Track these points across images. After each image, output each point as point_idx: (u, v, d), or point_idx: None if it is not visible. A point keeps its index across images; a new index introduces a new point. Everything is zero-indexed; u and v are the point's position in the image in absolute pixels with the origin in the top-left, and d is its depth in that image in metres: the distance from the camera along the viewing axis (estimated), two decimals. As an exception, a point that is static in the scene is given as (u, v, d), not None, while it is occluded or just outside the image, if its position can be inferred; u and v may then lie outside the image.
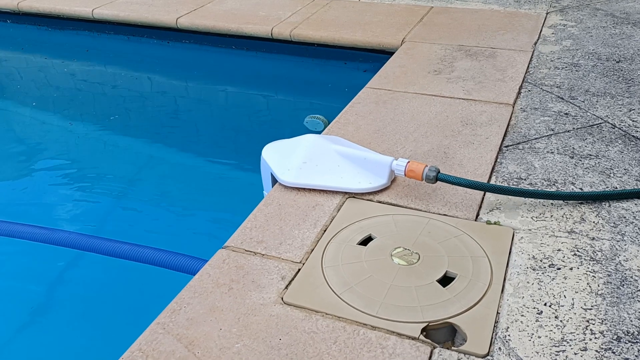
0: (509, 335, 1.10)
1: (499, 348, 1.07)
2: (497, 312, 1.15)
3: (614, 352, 1.05)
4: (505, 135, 1.78)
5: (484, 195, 1.49)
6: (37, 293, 1.76)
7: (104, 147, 2.63)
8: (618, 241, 1.33)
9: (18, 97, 3.14)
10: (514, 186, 1.53)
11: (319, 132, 2.06)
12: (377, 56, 2.69)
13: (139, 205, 2.22)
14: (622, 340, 1.08)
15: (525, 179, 1.56)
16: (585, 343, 1.08)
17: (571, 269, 1.25)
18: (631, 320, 1.12)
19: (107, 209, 2.18)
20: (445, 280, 1.23)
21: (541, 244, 1.32)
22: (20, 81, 3.34)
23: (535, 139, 1.76)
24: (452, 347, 1.08)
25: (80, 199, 2.21)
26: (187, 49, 3.22)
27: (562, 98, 2.00)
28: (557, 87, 2.09)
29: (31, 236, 1.88)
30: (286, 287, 1.23)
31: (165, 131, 2.71)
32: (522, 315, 1.14)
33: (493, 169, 1.61)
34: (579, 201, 1.46)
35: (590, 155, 1.66)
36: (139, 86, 3.16)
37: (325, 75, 2.98)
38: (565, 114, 1.90)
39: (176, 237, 1.98)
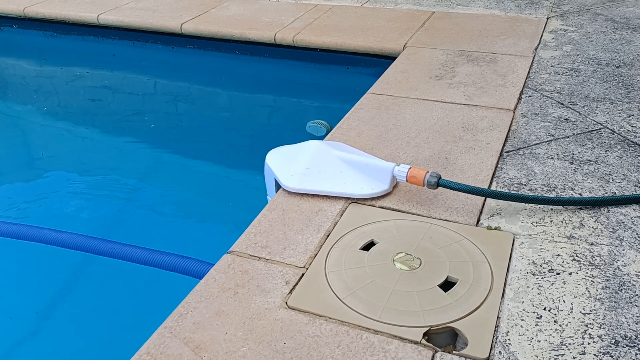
0: (509, 339, 1.12)
1: (499, 352, 1.09)
2: (498, 317, 1.17)
3: (612, 356, 1.08)
4: (505, 140, 1.81)
5: (485, 200, 1.52)
6: (45, 296, 1.78)
7: (109, 151, 2.66)
8: (616, 246, 1.35)
9: (23, 100, 3.17)
10: (514, 192, 1.55)
11: (321, 138, 2.09)
12: (379, 61, 2.71)
13: (143, 208, 2.24)
14: (620, 344, 1.10)
15: (525, 185, 1.58)
16: (584, 347, 1.10)
17: (570, 273, 1.27)
18: (629, 325, 1.14)
19: (114, 213, 2.21)
20: (447, 285, 1.25)
21: (541, 249, 1.35)
22: (25, 85, 3.37)
23: (536, 144, 1.78)
24: (454, 351, 1.10)
25: (86, 202, 2.24)
26: (192, 54, 3.25)
27: (562, 103, 2.02)
28: (557, 92, 2.11)
29: (39, 238, 1.91)
30: (290, 292, 1.25)
31: (169, 136, 2.74)
32: (522, 320, 1.16)
33: (494, 174, 1.63)
34: (579, 207, 1.48)
35: (590, 160, 1.68)
36: (144, 91, 3.19)
37: (327, 80, 3.01)
38: (565, 119, 1.92)
39: (180, 241, 2.01)
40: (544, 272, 1.28)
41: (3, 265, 1.92)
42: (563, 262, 1.31)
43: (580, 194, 1.53)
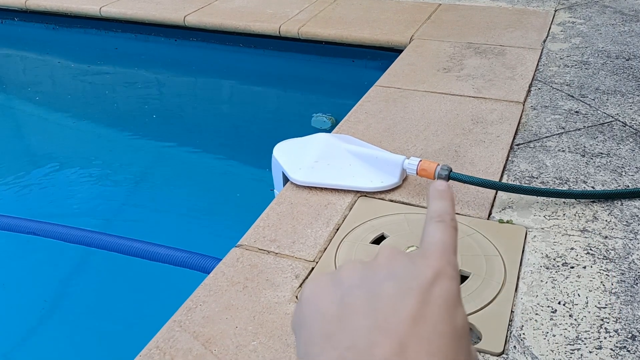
0: (523, 333, 1.10)
1: (514, 346, 1.08)
2: (512, 311, 1.15)
3: (628, 351, 1.06)
4: (516, 133, 1.78)
5: (496, 193, 1.50)
6: (51, 291, 1.77)
7: (111, 144, 2.64)
8: (631, 239, 1.33)
9: (25, 94, 3.15)
10: (526, 185, 1.53)
11: (326, 131, 2.06)
12: (385, 54, 2.68)
13: (148, 202, 2.23)
14: (636, 338, 1.08)
15: (537, 178, 1.56)
16: (600, 342, 1.08)
17: (584, 267, 1.26)
18: (645, 319, 1.12)
19: (118, 207, 2.19)
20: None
21: (554, 242, 1.33)
22: (27, 79, 3.35)
23: (546, 137, 1.76)
24: (467, 346, 1.09)
25: (90, 197, 2.23)
26: (195, 47, 3.22)
27: (572, 96, 2.00)
28: (567, 85, 2.09)
29: (44, 233, 1.89)
30: (300, 286, 1.23)
31: (172, 129, 2.72)
32: (536, 314, 1.14)
33: (505, 167, 1.61)
34: (591, 200, 1.46)
35: (602, 153, 1.66)
36: (147, 84, 3.16)
37: (333, 73, 2.98)
38: (576, 112, 1.90)
39: (186, 235, 1.99)
40: (558, 266, 1.26)
41: (9, 260, 1.90)
42: (577, 255, 1.29)
43: (592, 187, 1.51)
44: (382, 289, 0.29)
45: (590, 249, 1.31)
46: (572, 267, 1.26)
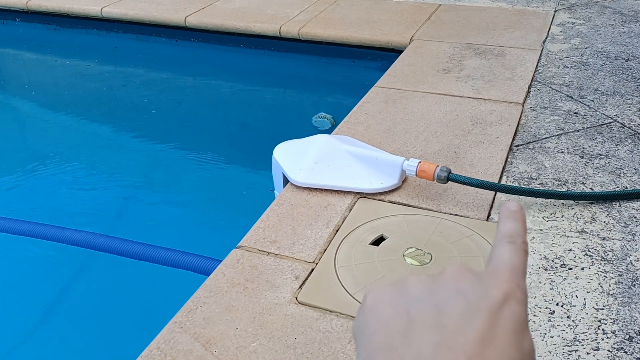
0: (521, 335, 1.11)
1: (512, 348, 1.08)
2: (510, 312, 1.16)
3: (625, 352, 1.07)
4: (515, 134, 1.79)
5: (495, 195, 1.51)
6: (50, 294, 1.78)
7: (112, 146, 2.65)
8: (629, 241, 1.34)
9: (26, 95, 3.16)
10: (524, 186, 1.54)
11: (327, 131, 2.07)
12: (386, 54, 2.69)
13: (147, 204, 2.24)
14: (634, 340, 1.09)
15: (536, 179, 1.57)
16: (598, 343, 1.09)
17: (582, 269, 1.26)
18: (643, 320, 1.13)
19: (118, 209, 2.20)
20: (458, 280, 1.24)
21: (552, 244, 1.34)
22: (28, 79, 3.36)
23: (546, 138, 1.76)
24: (466, 347, 1.10)
25: (90, 199, 2.24)
26: (196, 48, 3.23)
27: (572, 97, 2.00)
28: (566, 86, 2.09)
29: (45, 235, 1.90)
30: (300, 287, 1.24)
31: (173, 130, 2.73)
32: (534, 315, 1.15)
33: (504, 168, 1.62)
34: (590, 201, 1.47)
35: (600, 154, 1.67)
36: (147, 85, 3.17)
37: (333, 74, 2.99)
38: (575, 113, 1.91)
39: (185, 237, 2.00)
40: (556, 267, 1.27)
41: (10, 263, 1.91)
42: (575, 257, 1.30)
43: (591, 188, 1.52)
44: (449, 306, 0.29)
45: (589, 251, 1.31)
46: (570, 269, 1.26)
